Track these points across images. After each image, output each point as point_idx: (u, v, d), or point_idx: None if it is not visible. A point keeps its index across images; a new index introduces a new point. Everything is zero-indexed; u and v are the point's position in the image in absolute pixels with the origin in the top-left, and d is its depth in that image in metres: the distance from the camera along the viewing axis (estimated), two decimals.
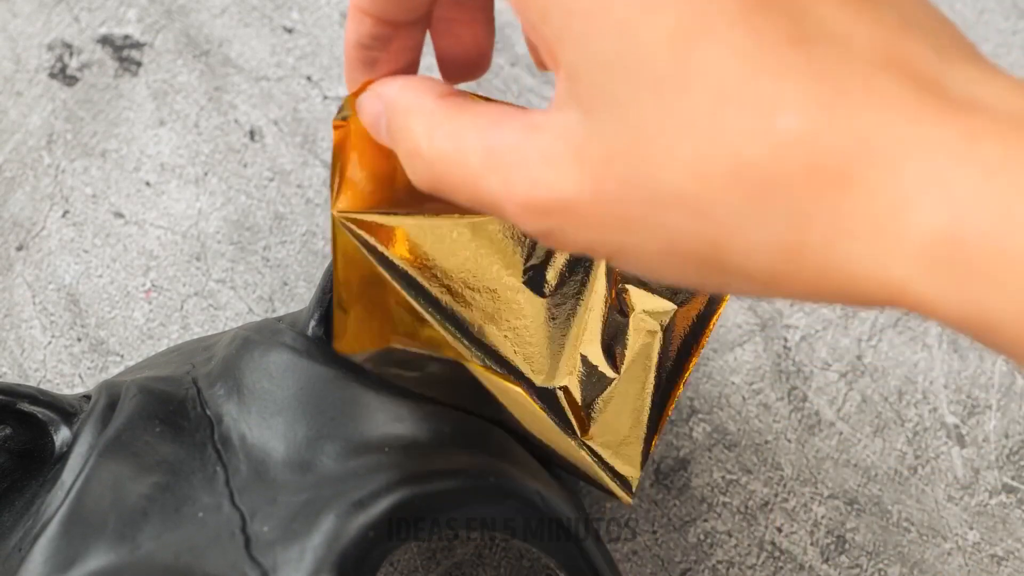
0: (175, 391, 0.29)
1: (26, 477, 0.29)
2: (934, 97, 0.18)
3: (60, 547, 0.26)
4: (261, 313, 0.41)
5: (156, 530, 0.26)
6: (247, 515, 0.26)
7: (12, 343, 0.40)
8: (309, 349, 0.29)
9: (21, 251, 0.41)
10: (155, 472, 0.27)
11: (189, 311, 0.40)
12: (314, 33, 0.45)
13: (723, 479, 0.38)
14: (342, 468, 0.27)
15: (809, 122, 0.18)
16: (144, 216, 0.42)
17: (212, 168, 0.43)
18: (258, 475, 0.27)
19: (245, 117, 0.44)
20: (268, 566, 0.24)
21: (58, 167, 0.43)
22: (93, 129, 0.43)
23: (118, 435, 0.28)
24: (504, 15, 0.46)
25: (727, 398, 0.39)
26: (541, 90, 0.44)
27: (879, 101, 0.18)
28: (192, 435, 0.28)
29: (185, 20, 0.45)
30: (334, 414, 0.28)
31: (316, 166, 0.43)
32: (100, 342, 0.40)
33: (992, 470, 0.39)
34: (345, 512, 0.25)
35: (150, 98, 0.44)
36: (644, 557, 0.37)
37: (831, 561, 0.37)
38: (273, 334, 0.30)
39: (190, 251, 0.41)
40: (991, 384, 0.40)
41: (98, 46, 0.45)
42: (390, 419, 0.28)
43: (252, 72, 0.44)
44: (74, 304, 0.40)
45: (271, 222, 0.42)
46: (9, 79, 0.44)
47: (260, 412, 0.28)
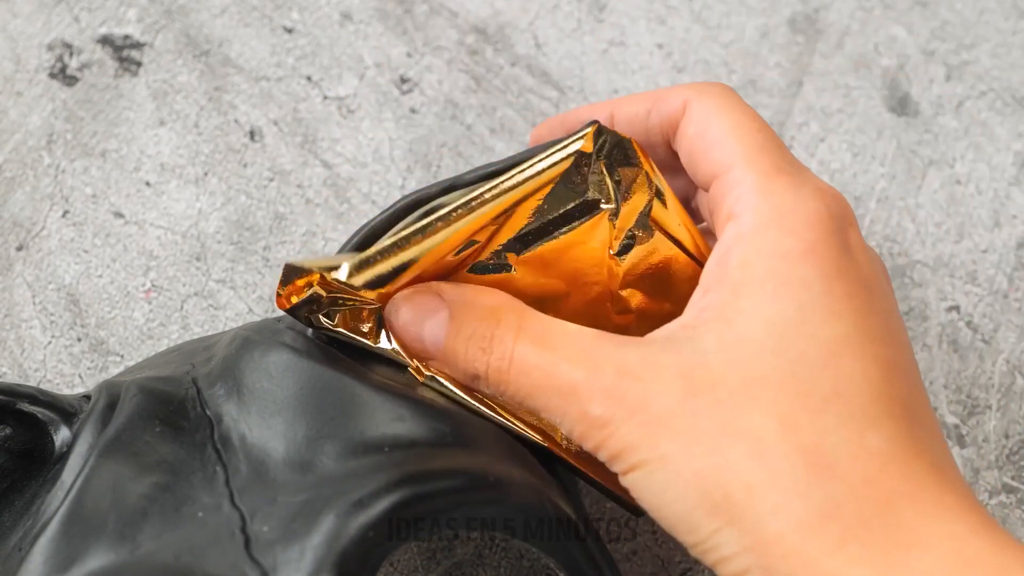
0: (175, 391, 0.29)
1: (26, 477, 0.29)
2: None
3: (60, 547, 0.26)
4: (261, 313, 0.41)
5: (156, 530, 0.26)
6: (247, 515, 0.26)
7: (12, 343, 0.40)
8: (309, 349, 0.29)
9: (21, 251, 0.41)
10: (155, 472, 0.27)
11: (189, 311, 0.40)
12: (314, 33, 0.45)
13: None
14: (342, 468, 0.27)
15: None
16: (144, 216, 0.42)
17: (212, 168, 0.43)
18: (258, 475, 0.27)
19: (245, 117, 0.44)
20: (268, 566, 0.24)
21: (58, 167, 0.43)
22: (93, 129, 0.43)
23: (118, 435, 0.28)
24: (504, 15, 0.46)
25: None
26: (541, 90, 0.44)
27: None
28: (192, 435, 0.28)
29: (185, 20, 0.45)
30: (334, 414, 0.28)
31: (316, 166, 0.43)
32: (100, 342, 0.40)
33: (992, 470, 0.39)
34: (345, 512, 0.25)
35: (150, 98, 0.44)
36: (644, 557, 0.37)
37: None
38: (273, 334, 0.30)
39: (190, 251, 0.41)
40: (991, 384, 0.40)
41: (98, 46, 0.45)
42: (390, 419, 0.28)
43: (252, 72, 0.44)
44: (74, 304, 0.40)
45: (271, 222, 0.42)
46: (9, 79, 0.44)
47: (260, 412, 0.28)
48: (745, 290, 0.26)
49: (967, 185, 0.43)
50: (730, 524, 0.24)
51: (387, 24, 0.46)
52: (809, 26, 0.46)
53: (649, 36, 0.46)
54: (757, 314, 0.26)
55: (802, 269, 0.26)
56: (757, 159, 0.28)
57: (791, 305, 0.25)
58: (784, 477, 0.24)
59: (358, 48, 0.45)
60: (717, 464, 0.24)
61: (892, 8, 0.46)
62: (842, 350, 0.25)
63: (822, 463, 0.24)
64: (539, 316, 0.28)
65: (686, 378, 0.25)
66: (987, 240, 0.42)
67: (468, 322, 0.28)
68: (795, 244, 0.26)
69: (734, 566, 0.24)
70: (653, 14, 0.46)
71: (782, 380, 0.25)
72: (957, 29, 0.46)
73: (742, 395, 0.25)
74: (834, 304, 0.25)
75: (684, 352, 0.26)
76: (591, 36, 0.46)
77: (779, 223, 0.26)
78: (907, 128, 0.44)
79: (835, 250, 0.26)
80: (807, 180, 0.27)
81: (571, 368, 0.26)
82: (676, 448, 0.25)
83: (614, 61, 0.45)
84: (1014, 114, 0.44)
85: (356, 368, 0.29)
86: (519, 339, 0.27)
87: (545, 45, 0.45)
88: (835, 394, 0.25)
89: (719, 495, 0.24)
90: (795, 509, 0.24)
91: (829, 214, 0.27)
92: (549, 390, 0.27)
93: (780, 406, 0.25)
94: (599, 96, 0.44)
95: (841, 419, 0.24)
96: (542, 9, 0.46)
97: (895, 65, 0.45)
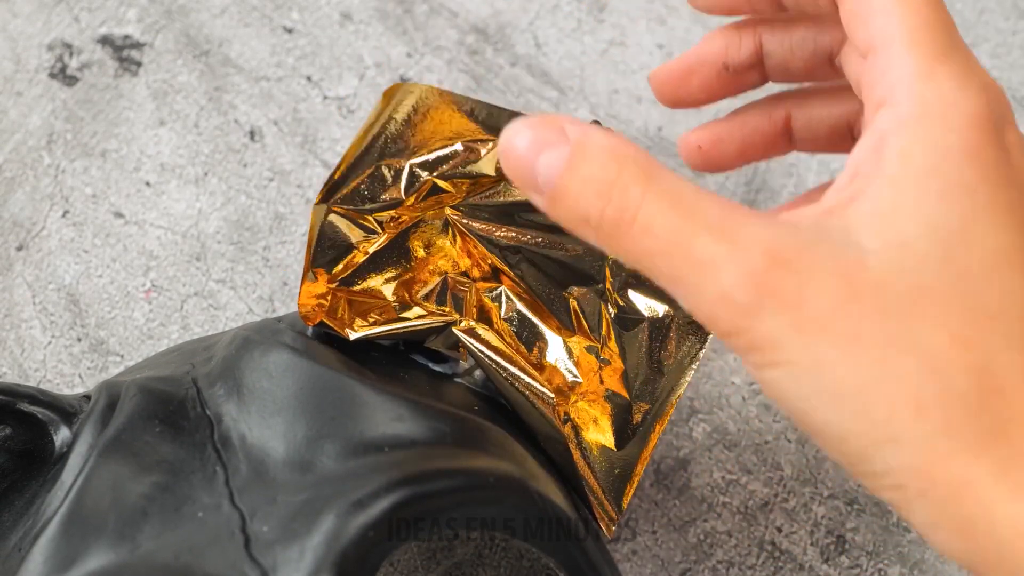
0: (175, 391, 0.29)
1: (26, 477, 0.29)
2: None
3: (60, 547, 0.26)
4: (261, 313, 0.41)
5: (156, 530, 0.26)
6: (247, 515, 0.26)
7: (12, 343, 0.40)
8: (309, 349, 0.29)
9: (21, 251, 0.41)
10: (155, 472, 0.27)
11: (189, 311, 0.40)
12: (314, 33, 0.45)
13: (723, 479, 0.38)
14: (342, 468, 0.27)
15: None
16: (144, 216, 0.42)
17: (212, 168, 0.43)
18: (258, 475, 0.27)
19: (245, 117, 0.44)
20: (268, 566, 0.24)
21: (58, 167, 0.43)
22: (93, 129, 0.43)
23: (118, 435, 0.28)
24: (504, 15, 0.46)
25: (727, 398, 0.39)
26: (541, 90, 0.44)
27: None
28: (192, 435, 0.28)
29: (185, 20, 0.45)
30: (334, 414, 0.28)
31: (316, 166, 0.43)
32: (100, 342, 0.40)
33: None
34: (345, 512, 0.25)
35: (150, 98, 0.44)
36: (644, 557, 0.37)
37: (831, 561, 0.37)
38: (273, 334, 0.30)
39: (190, 251, 0.41)
40: None
41: (98, 46, 0.45)
42: (390, 419, 0.28)
43: (252, 72, 0.44)
44: (74, 304, 0.40)
45: (271, 222, 0.42)
46: (9, 79, 0.44)
47: (260, 412, 0.28)
48: (906, 185, 0.25)
49: None
50: (893, 441, 0.23)
51: (387, 24, 0.46)
52: None
53: (649, 36, 0.46)
54: (920, 217, 0.24)
55: (968, 172, 0.24)
56: (921, 40, 0.26)
57: (956, 211, 0.24)
58: (955, 396, 0.23)
59: (358, 48, 0.45)
60: (883, 376, 0.23)
61: None
62: (1007, 264, 0.24)
63: (992, 385, 0.23)
64: (670, 173, 0.25)
65: (847, 277, 0.24)
66: None
67: (588, 162, 0.25)
68: (958, 142, 0.25)
69: (890, 481, 0.24)
70: (653, 14, 0.46)
71: (949, 293, 0.24)
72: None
73: (909, 305, 0.24)
74: (998, 214, 0.24)
75: (840, 246, 0.24)
76: (591, 36, 0.46)
77: (942, 116, 0.25)
78: None
79: (997, 153, 0.25)
80: (972, 71, 0.26)
81: (712, 241, 0.24)
82: (836, 355, 0.23)
83: (614, 61, 0.45)
84: (1014, 114, 0.45)
85: (356, 368, 0.29)
86: (647, 193, 0.24)
87: (545, 45, 0.46)
88: (1001, 311, 0.24)
89: (883, 410, 0.23)
90: (964, 431, 0.23)
91: (991, 112, 0.25)
92: (679, 259, 0.24)
93: (950, 320, 0.23)
94: (599, 96, 0.44)
95: (1008, 338, 0.24)
96: (542, 9, 0.46)
97: None
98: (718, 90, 0.33)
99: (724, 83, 0.33)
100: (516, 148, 0.26)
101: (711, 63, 0.33)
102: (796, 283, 0.24)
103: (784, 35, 0.32)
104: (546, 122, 0.26)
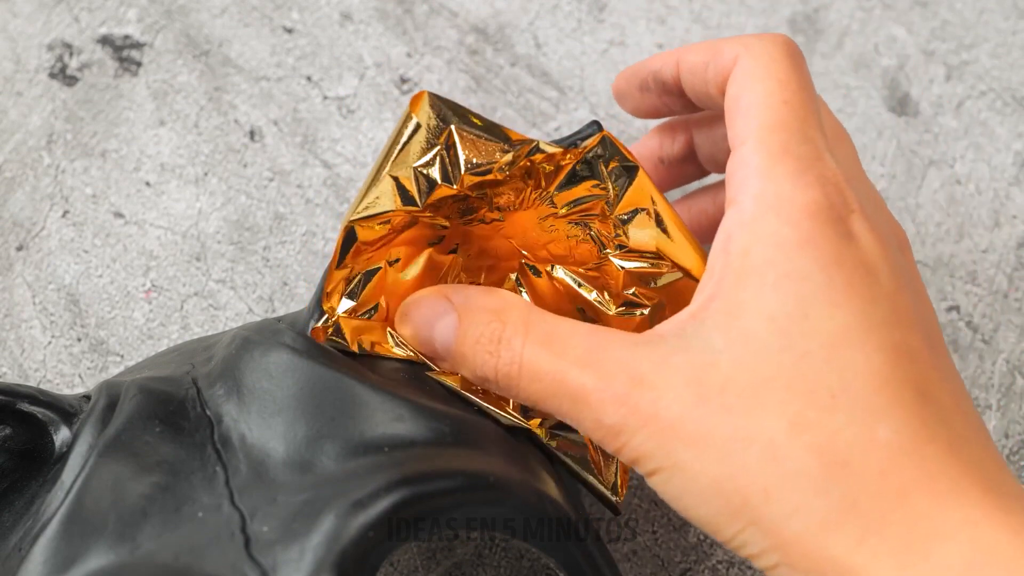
0: (175, 391, 0.29)
1: (26, 477, 0.29)
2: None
3: (60, 547, 0.26)
4: (261, 313, 0.41)
5: (156, 530, 0.26)
6: (247, 515, 0.26)
7: (12, 343, 0.40)
8: (309, 349, 0.29)
9: (21, 251, 0.41)
10: (155, 472, 0.27)
11: (189, 311, 0.40)
12: (314, 33, 0.45)
13: None
14: (342, 468, 0.27)
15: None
16: (144, 216, 0.42)
17: (212, 168, 0.43)
18: (258, 475, 0.27)
19: (245, 117, 0.44)
20: (268, 566, 0.24)
21: (58, 167, 0.43)
22: (93, 129, 0.43)
23: (118, 435, 0.28)
24: (504, 15, 0.46)
25: None
26: (541, 90, 0.44)
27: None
28: (192, 435, 0.28)
29: (185, 20, 0.45)
30: (334, 414, 0.28)
31: (316, 166, 0.43)
32: (100, 342, 0.40)
33: None
34: (345, 512, 0.25)
35: (150, 98, 0.44)
36: (644, 557, 0.37)
37: None
38: (273, 334, 0.30)
39: (190, 251, 0.41)
40: (991, 384, 0.40)
41: (98, 46, 0.45)
42: (390, 419, 0.28)
43: (252, 72, 0.44)
44: (74, 304, 0.40)
45: (271, 222, 0.42)
46: (9, 79, 0.44)
47: (260, 412, 0.28)
48: (746, 281, 0.26)
49: (967, 185, 0.43)
50: (753, 525, 0.25)
51: (387, 24, 0.46)
52: (809, 26, 0.46)
53: (649, 36, 0.46)
54: (759, 309, 0.26)
55: (800, 260, 0.26)
56: (768, 139, 0.27)
57: (792, 298, 0.25)
58: (799, 478, 0.24)
59: (358, 48, 0.45)
60: (732, 470, 0.25)
61: (892, 8, 0.46)
62: (845, 342, 0.25)
63: (836, 460, 0.24)
64: (545, 316, 0.28)
65: (697, 382, 0.25)
66: (987, 240, 0.42)
67: (474, 325, 0.28)
68: (792, 233, 0.26)
69: (764, 562, 0.25)
70: (653, 14, 0.46)
71: (789, 379, 0.25)
72: (957, 29, 0.46)
73: (751, 398, 0.25)
74: (834, 295, 0.25)
75: (694, 351, 0.26)
76: (591, 36, 0.46)
77: (777, 211, 0.26)
78: (907, 128, 0.44)
79: (833, 239, 0.26)
80: (811, 166, 0.27)
81: (581, 374, 0.26)
82: (690, 456, 0.25)
83: (614, 61, 0.45)
84: (1014, 114, 0.45)
85: (356, 368, 0.29)
86: (527, 342, 0.27)
87: (545, 45, 0.46)
88: (842, 389, 0.25)
89: (738, 500, 0.25)
90: (813, 509, 0.24)
91: (828, 203, 0.26)
92: (561, 396, 0.27)
93: (789, 407, 0.25)
94: (599, 96, 0.44)
95: (850, 414, 0.24)
96: (542, 9, 0.46)
97: (895, 65, 0.45)
98: (659, 184, 0.36)
99: (661, 176, 0.37)
100: (410, 326, 0.30)
101: (647, 158, 0.37)
102: (652, 398, 0.26)
103: (709, 131, 0.35)
104: (431, 295, 0.30)
